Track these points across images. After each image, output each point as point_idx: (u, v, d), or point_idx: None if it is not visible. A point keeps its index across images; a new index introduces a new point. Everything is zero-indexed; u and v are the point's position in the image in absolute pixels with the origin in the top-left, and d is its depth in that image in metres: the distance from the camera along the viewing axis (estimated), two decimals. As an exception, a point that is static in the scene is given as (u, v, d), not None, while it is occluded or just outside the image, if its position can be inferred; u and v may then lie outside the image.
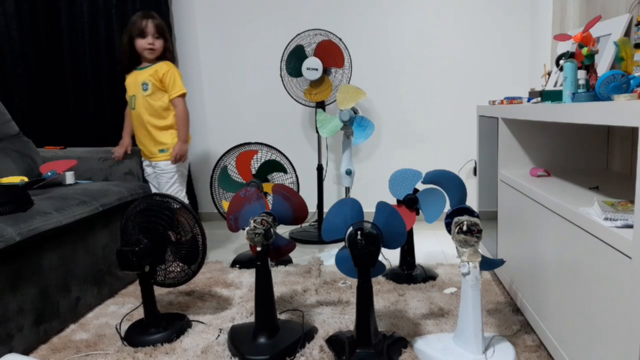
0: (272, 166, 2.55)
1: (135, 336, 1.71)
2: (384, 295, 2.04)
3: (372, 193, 2.16)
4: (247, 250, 2.60)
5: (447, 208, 1.69)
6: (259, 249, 1.60)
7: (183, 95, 2.38)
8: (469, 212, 1.54)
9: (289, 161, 2.62)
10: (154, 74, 2.34)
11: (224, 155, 2.60)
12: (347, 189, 2.86)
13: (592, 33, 1.56)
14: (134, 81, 2.39)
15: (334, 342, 1.61)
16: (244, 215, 1.73)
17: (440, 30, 3.17)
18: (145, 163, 2.53)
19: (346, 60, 2.83)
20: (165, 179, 2.42)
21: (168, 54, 2.41)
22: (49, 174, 2.25)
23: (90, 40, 3.18)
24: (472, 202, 1.69)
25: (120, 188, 2.22)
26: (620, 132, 1.88)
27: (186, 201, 2.46)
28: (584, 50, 1.48)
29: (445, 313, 1.85)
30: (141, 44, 2.34)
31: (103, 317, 1.92)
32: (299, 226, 3.07)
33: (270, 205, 1.77)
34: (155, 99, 2.36)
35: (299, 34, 2.88)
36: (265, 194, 2.49)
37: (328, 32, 2.85)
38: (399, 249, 2.24)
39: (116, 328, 1.79)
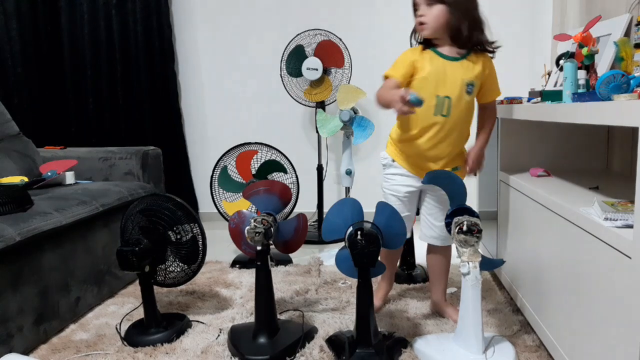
0: (272, 166, 2.55)
1: (135, 336, 1.71)
2: (384, 295, 2.04)
3: (372, 193, 2.15)
4: (247, 250, 2.59)
5: (447, 208, 1.69)
6: (259, 248, 1.60)
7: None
8: (469, 212, 1.54)
9: (289, 161, 2.62)
10: (481, 71, 1.63)
11: (224, 155, 2.60)
12: (347, 189, 2.86)
13: (592, 33, 1.56)
14: (442, 73, 1.61)
15: (334, 342, 1.61)
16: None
17: (440, 30, 3.17)
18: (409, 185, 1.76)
19: (346, 60, 2.83)
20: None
21: (477, 32, 1.65)
22: (49, 174, 2.25)
23: (90, 40, 3.18)
24: (472, 202, 1.68)
25: (120, 188, 2.22)
26: (620, 132, 1.88)
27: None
28: (584, 50, 1.48)
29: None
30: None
31: (103, 317, 1.92)
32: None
33: (256, 208, 1.73)
34: (472, 106, 1.70)
35: (299, 34, 2.88)
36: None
37: (328, 32, 2.85)
38: (399, 249, 2.23)
39: (116, 328, 1.79)
